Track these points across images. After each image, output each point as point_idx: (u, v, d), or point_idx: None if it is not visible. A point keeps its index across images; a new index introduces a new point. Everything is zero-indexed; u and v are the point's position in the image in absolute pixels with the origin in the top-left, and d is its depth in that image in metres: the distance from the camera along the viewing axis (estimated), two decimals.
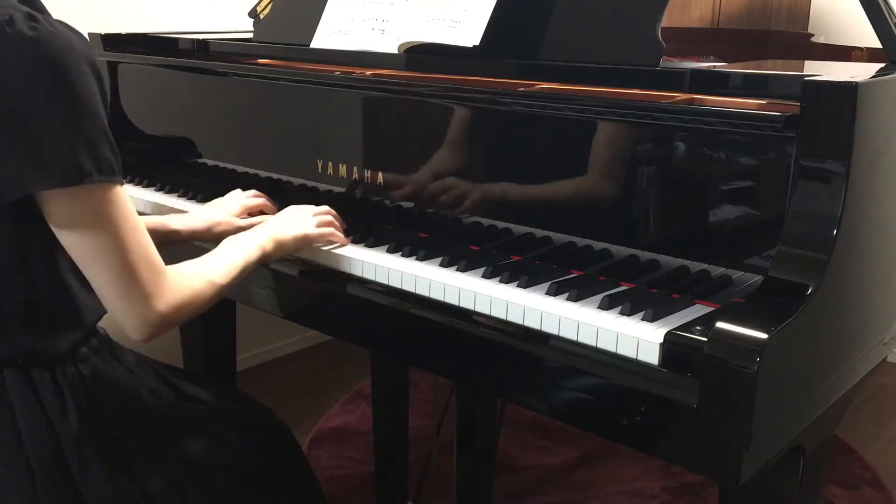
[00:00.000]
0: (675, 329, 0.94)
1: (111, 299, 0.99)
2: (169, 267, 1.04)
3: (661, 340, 0.93)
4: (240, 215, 1.38)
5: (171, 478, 1.08)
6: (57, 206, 0.95)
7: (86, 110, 0.93)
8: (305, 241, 1.25)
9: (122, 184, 0.97)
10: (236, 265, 1.14)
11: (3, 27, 0.89)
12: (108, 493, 1.03)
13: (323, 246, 1.27)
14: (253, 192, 1.43)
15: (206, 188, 1.57)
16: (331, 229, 1.27)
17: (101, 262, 0.97)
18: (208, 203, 1.42)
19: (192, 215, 1.38)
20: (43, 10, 0.98)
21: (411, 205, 1.34)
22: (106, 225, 0.96)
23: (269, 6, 1.71)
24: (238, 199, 1.40)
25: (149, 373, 1.15)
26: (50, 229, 0.98)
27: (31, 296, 1.01)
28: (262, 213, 1.42)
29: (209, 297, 1.08)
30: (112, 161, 0.96)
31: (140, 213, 1.07)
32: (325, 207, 1.30)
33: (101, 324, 1.12)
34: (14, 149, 0.91)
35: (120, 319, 1.01)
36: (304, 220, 1.26)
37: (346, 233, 1.31)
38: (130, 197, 1.06)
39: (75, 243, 0.97)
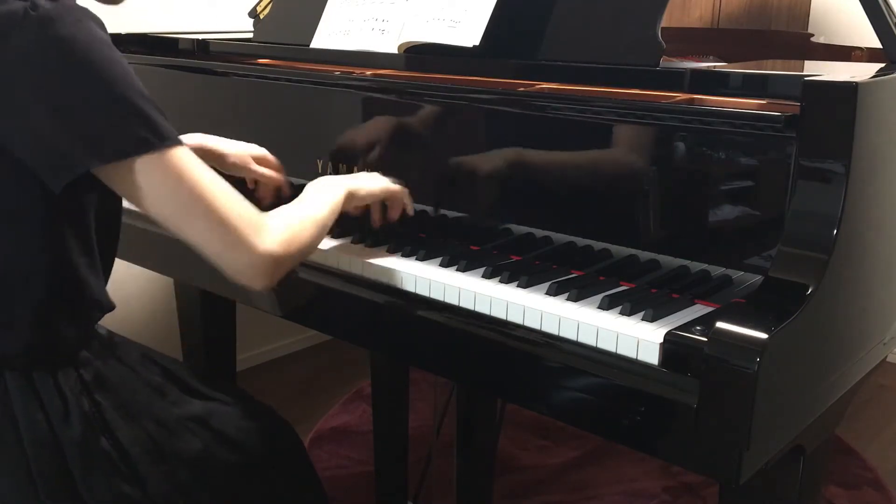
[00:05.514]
0: (675, 329, 0.94)
1: (218, 251, 0.97)
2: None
3: (661, 340, 0.93)
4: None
5: (175, 479, 1.08)
6: (126, 179, 0.93)
7: (124, 81, 0.92)
8: (387, 193, 1.25)
9: (182, 144, 0.95)
10: (326, 202, 1.13)
11: (27, 12, 0.89)
12: (110, 499, 1.02)
13: (324, 246, 1.27)
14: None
15: None
16: (406, 190, 1.27)
17: (193, 219, 0.95)
18: None
19: (223, 140, 1.38)
20: None
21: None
22: (185, 183, 0.94)
23: (269, 6, 1.71)
24: (248, 149, 1.39)
25: (153, 369, 1.14)
26: (62, 221, 0.97)
27: (38, 289, 1.00)
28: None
29: (312, 233, 1.07)
30: (166, 125, 0.94)
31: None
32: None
33: (102, 321, 1.11)
34: (63, 130, 0.90)
35: (234, 272, 0.99)
36: (383, 178, 1.26)
37: (346, 233, 1.31)
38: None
39: (161, 209, 0.95)
